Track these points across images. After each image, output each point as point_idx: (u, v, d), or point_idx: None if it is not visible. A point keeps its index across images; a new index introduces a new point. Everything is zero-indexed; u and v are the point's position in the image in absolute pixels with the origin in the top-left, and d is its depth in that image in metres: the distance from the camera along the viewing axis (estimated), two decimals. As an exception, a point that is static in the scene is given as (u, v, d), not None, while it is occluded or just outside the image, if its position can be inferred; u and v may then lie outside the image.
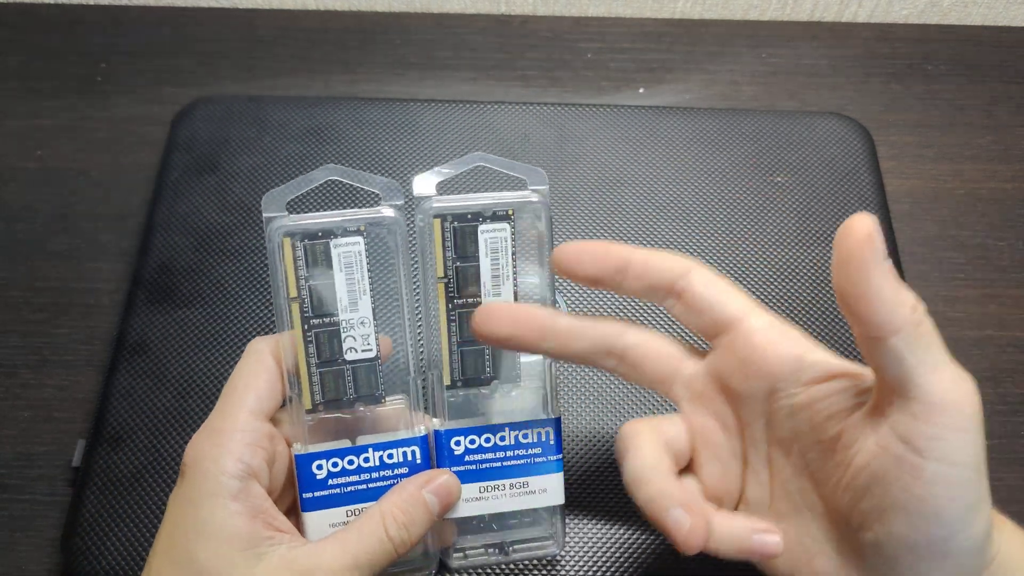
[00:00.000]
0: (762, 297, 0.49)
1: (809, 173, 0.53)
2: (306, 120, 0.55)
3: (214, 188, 0.52)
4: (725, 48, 0.64)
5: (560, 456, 0.38)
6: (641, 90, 0.62)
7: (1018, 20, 0.66)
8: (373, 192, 0.37)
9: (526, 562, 0.41)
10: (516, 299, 0.36)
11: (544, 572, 0.41)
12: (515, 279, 0.36)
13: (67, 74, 0.62)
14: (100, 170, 0.58)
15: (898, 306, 0.28)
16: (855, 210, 0.52)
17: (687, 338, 0.42)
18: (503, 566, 0.41)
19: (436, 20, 0.65)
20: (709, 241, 0.51)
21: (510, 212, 0.36)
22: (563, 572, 0.41)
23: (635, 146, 0.54)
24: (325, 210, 0.36)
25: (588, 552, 0.42)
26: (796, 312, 0.48)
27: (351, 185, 0.37)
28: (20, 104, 0.61)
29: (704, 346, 0.35)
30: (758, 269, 0.50)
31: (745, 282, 0.49)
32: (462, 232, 0.36)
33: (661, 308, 0.35)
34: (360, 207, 0.36)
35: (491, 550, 0.39)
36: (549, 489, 0.38)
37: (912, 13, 0.66)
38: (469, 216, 0.36)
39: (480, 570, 0.41)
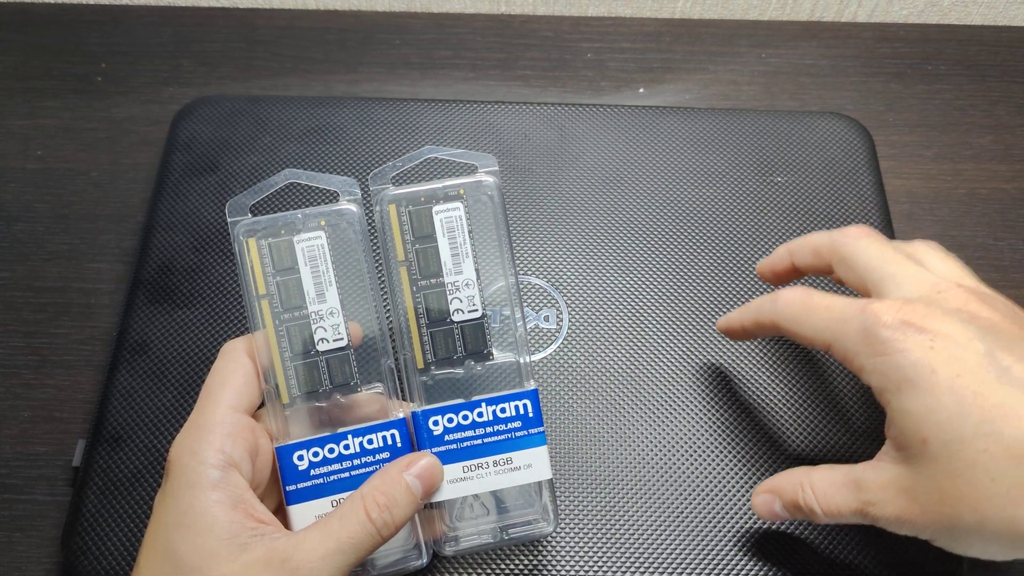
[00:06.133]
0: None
1: (809, 173, 0.53)
2: (306, 120, 0.55)
3: (214, 188, 0.52)
4: (725, 48, 0.64)
5: (542, 429, 0.38)
6: (641, 90, 0.62)
7: (1018, 20, 0.66)
8: (332, 191, 0.38)
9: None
10: (478, 276, 0.37)
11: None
12: (475, 257, 0.37)
13: (67, 74, 0.62)
14: (100, 170, 0.58)
15: None
16: (855, 210, 0.52)
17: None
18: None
19: (436, 20, 0.65)
20: (709, 241, 0.51)
21: (461, 191, 0.37)
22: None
23: (635, 146, 0.54)
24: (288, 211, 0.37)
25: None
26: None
27: (311, 186, 0.38)
28: (20, 104, 0.61)
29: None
30: (758, 269, 0.50)
31: (745, 282, 0.49)
32: (418, 215, 0.37)
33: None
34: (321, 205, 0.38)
35: (484, 536, 0.39)
36: (535, 464, 0.38)
37: (912, 13, 0.66)
38: (423, 199, 0.37)
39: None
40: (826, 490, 0.36)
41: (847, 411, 0.45)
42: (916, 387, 0.33)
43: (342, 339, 0.37)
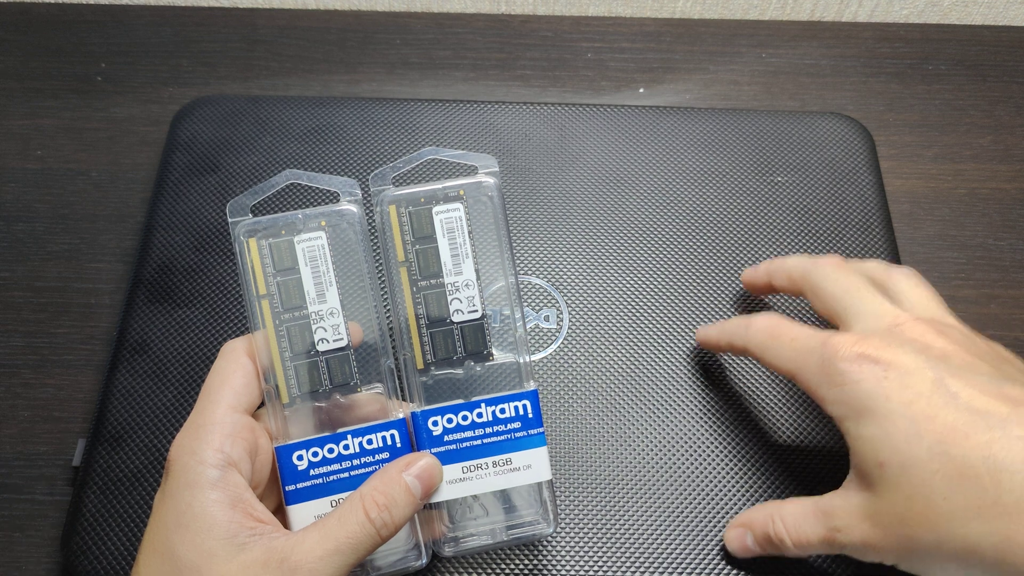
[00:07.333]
0: (762, 298, 0.49)
1: (809, 173, 0.53)
2: (306, 120, 0.55)
3: (214, 188, 0.52)
4: (725, 48, 0.64)
5: (542, 430, 0.38)
6: (641, 90, 0.62)
7: (1018, 20, 0.66)
8: (333, 191, 0.38)
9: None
10: (478, 277, 0.38)
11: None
12: (475, 257, 0.37)
13: (67, 74, 0.62)
14: (100, 170, 0.58)
15: None
16: (855, 210, 0.52)
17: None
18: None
19: (436, 20, 0.65)
20: (709, 241, 0.51)
21: (461, 192, 0.37)
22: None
23: (635, 146, 0.54)
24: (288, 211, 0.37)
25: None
26: (795, 312, 0.48)
27: (311, 187, 0.38)
28: (20, 104, 0.61)
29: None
30: (758, 269, 0.50)
31: (745, 282, 0.49)
32: (418, 215, 0.37)
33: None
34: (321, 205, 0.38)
35: (483, 537, 0.39)
36: (534, 465, 0.38)
37: (912, 13, 0.66)
38: (423, 200, 0.37)
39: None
40: (796, 521, 0.37)
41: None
42: (872, 414, 0.34)
43: (342, 339, 0.37)
